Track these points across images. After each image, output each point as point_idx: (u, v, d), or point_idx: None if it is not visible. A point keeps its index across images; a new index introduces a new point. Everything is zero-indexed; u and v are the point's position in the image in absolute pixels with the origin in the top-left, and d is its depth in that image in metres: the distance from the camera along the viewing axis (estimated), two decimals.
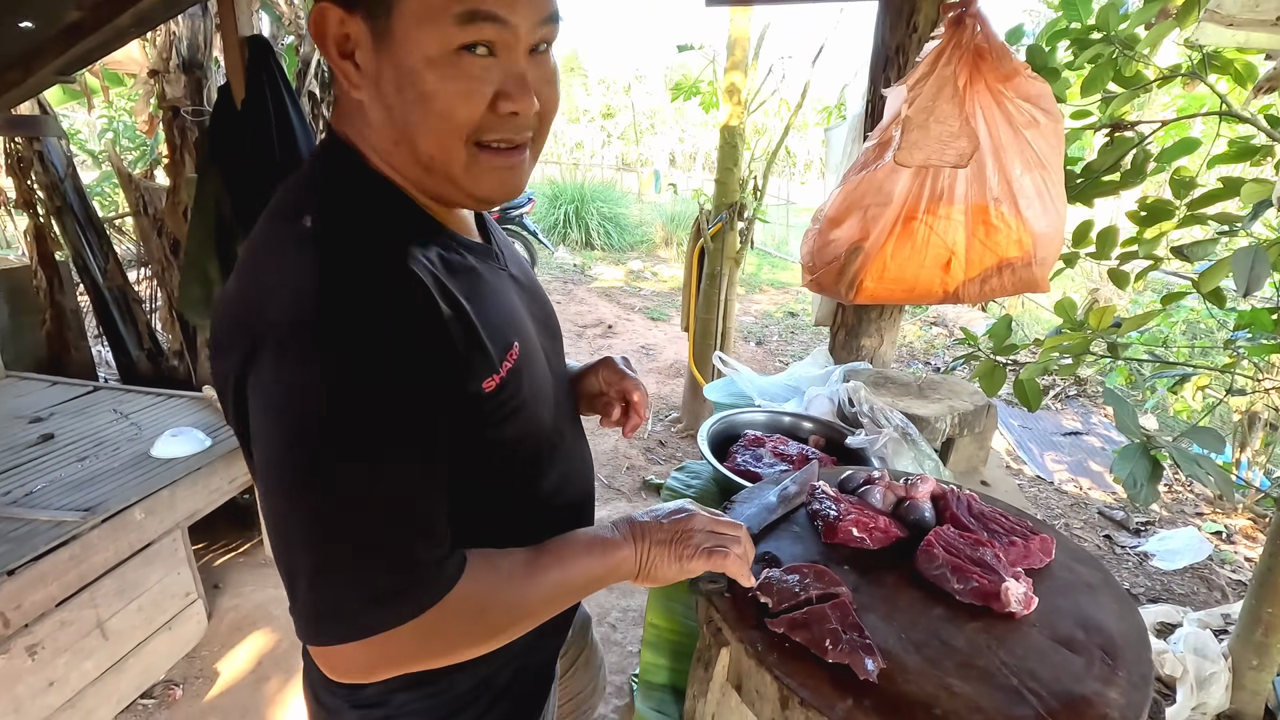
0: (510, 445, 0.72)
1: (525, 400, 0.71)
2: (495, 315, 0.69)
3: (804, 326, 6.91)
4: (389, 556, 0.58)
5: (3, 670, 1.68)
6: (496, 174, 0.65)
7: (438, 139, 0.61)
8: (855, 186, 1.56)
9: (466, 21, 0.56)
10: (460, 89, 0.59)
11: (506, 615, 0.67)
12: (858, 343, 2.11)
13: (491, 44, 0.59)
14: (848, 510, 0.98)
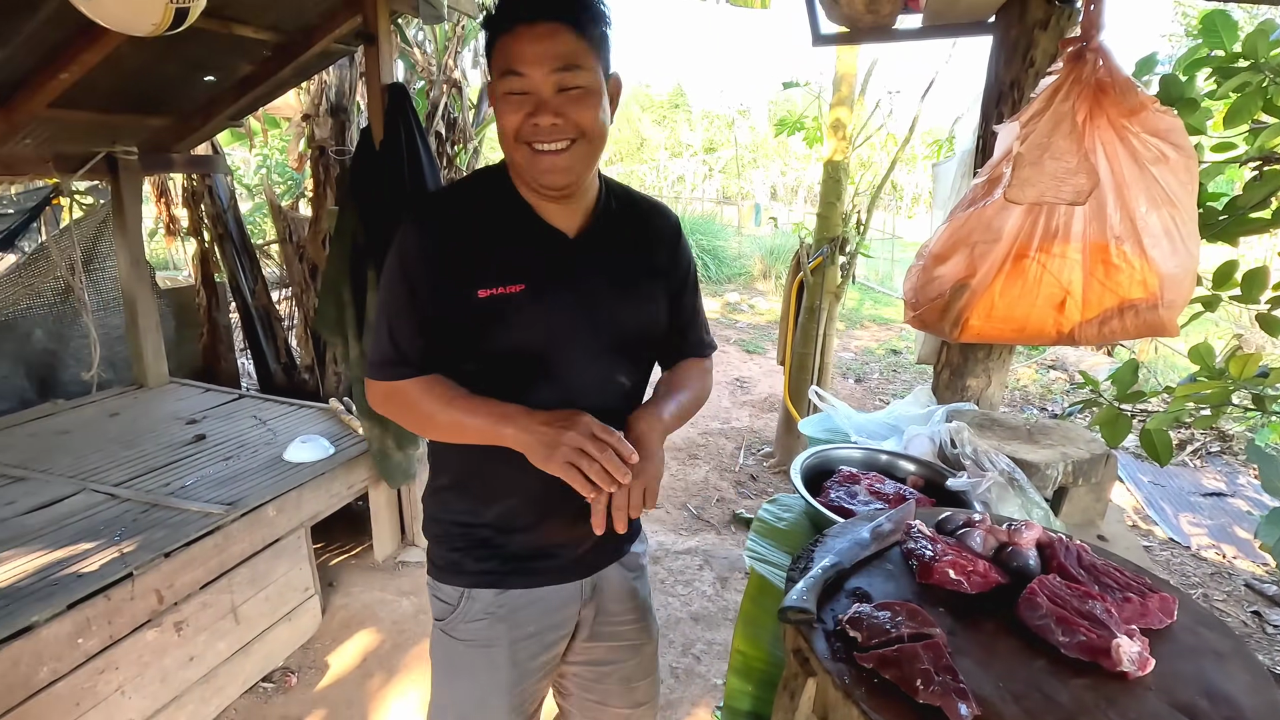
0: (501, 354, 1.04)
1: (518, 324, 1.02)
2: (513, 262, 1.03)
3: (907, 365, 6.66)
4: (378, 343, 1.05)
5: (154, 642, 1.90)
6: (531, 160, 0.98)
7: (505, 142, 1.00)
8: (963, 223, 1.53)
9: (503, 75, 0.97)
10: (504, 111, 0.98)
11: (427, 417, 1.04)
12: (963, 383, 2.04)
13: (519, 88, 0.96)
14: (945, 551, 0.95)
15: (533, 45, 0.94)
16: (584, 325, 1.07)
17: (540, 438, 0.94)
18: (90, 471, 2.42)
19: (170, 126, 3.23)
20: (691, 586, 2.89)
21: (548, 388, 1.05)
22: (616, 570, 1.23)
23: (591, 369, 1.08)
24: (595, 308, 1.08)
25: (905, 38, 2.17)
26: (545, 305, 1.04)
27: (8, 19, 2.09)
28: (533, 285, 1.02)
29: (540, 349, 1.05)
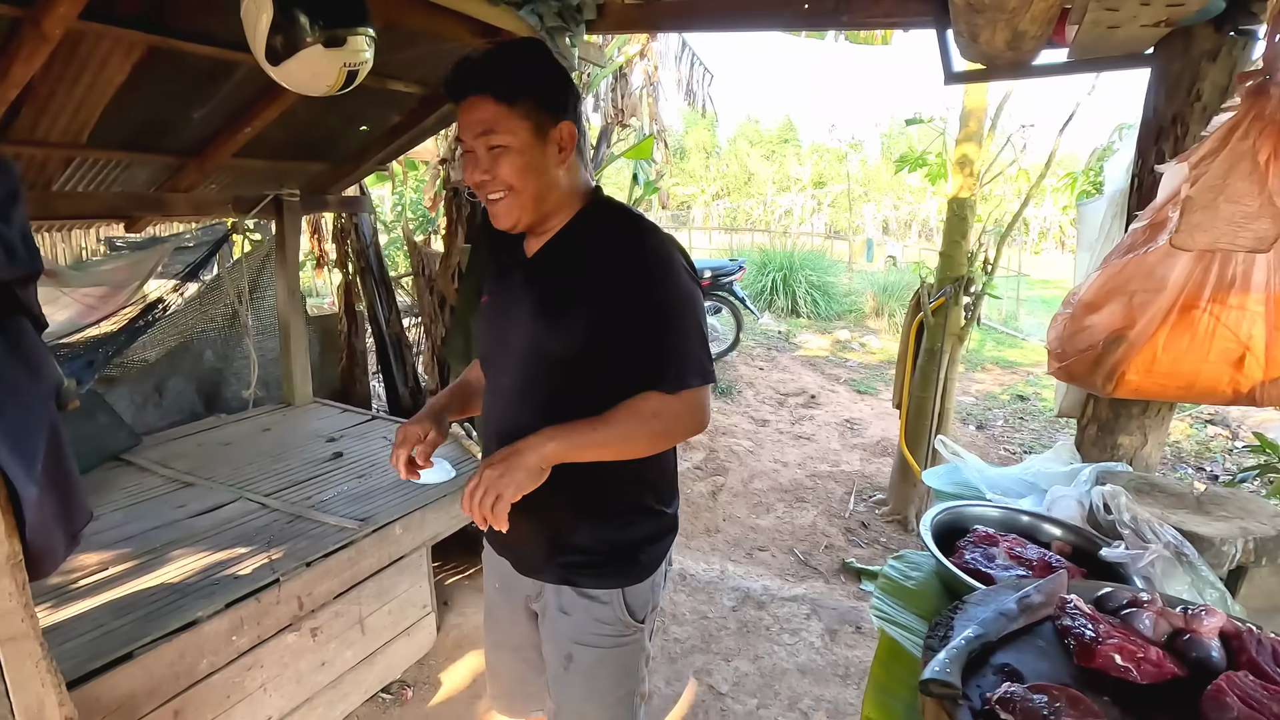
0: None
1: (480, 326, 1.35)
2: (491, 276, 1.37)
3: (1035, 413, 6.18)
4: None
5: (293, 645, 2.05)
6: (489, 210, 1.19)
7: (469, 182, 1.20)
8: (1119, 270, 1.42)
9: (456, 141, 1.22)
10: (463, 168, 1.21)
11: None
12: (1113, 440, 1.87)
13: (466, 148, 1.17)
14: (1109, 633, 0.87)
15: (465, 115, 1.14)
16: (508, 337, 1.25)
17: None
18: (246, 481, 2.68)
19: (328, 171, 3.59)
20: (798, 636, 2.78)
21: (489, 388, 1.32)
22: (554, 595, 1.29)
23: (510, 378, 1.25)
24: (520, 322, 1.23)
25: (1048, 73, 2.07)
26: (495, 313, 1.29)
27: (210, 83, 2.41)
28: (492, 296, 1.32)
29: (485, 352, 1.33)
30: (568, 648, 1.29)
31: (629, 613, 1.27)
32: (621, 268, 1.13)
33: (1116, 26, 1.59)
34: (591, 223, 1.21)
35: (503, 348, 1.26)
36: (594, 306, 1.13)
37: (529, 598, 1.35)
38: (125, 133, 2.52)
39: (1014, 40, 1.74)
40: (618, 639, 1.27)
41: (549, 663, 1.34)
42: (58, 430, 1.34)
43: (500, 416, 1.27)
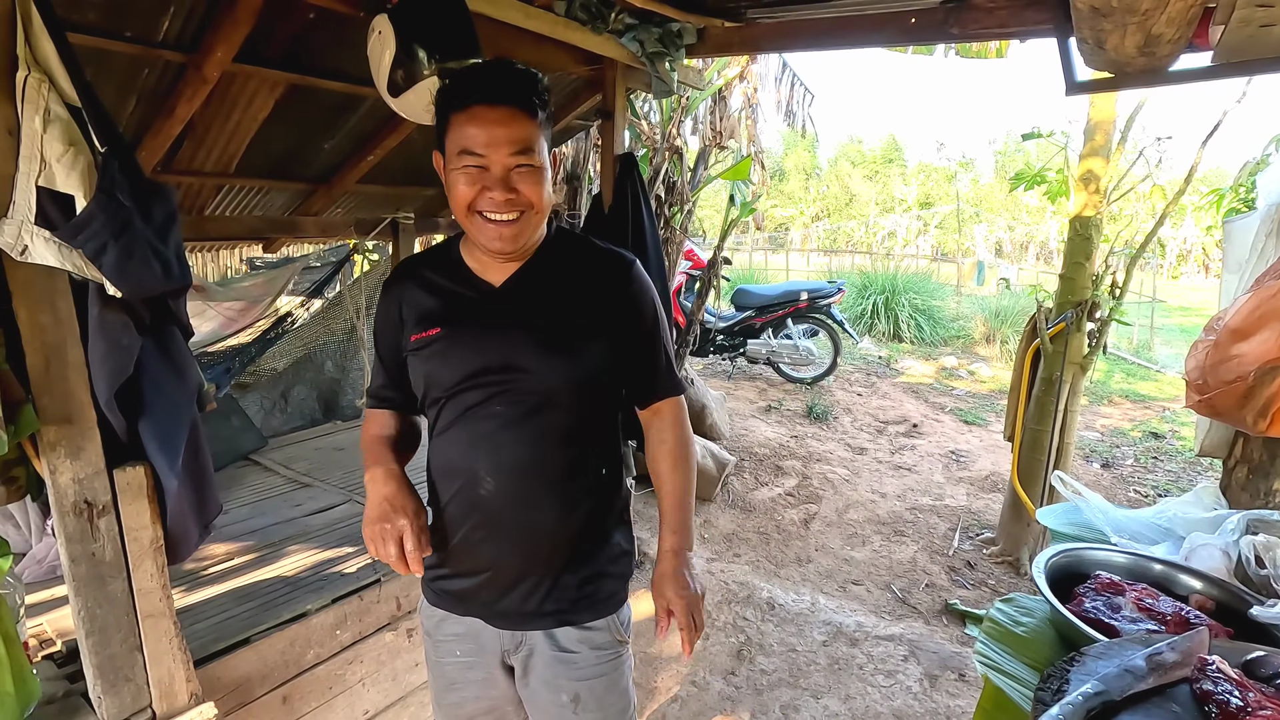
0: (419, 379, 1.18)
1: (437, 362, 1.15)
2: (437, 310, 1.18)
3: (1171, 452, 5.59)
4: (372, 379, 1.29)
5: (390, 644, 2.14)
6: (485, 230, 1.10)
7: (456, 207, 1.10)
8: (1274, 294, 1.27)
9: (460, 155, 1.06)
10: (459, 185, 1.08)
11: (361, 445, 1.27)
12: (1268, 484, 1.66)
13: (476, 165, 1.06)
14: (1261, 703, 0.76)
15: (492, 128, 1.04)
16: (488, 368, 1.14)
17: (367, 505, 1.13)
18: (355, 485, 2.85)
19: (439, 195, 3.81)
20: (894, 679, 2.63)
21: (452, 418, 1.17)
22: (545, 641, 1.21)
23: (497, 402, 1.14)
24: (510, 353, 1.14)
25: (1187, 80, 1.89)
26: (458, 346, 1.15)
27: (339, 116, 2.63)
28: (448, 330, 1.16)
29: (450, 385, 1.16)
30: (573, 689, 1.21)
31: (621, 629, 1.25)
32: (623, 288, 1.19)
33: (1271, 25, 1.44)
34: (564, 247, 1.22)
35: (480, 380, 1.13)
36: (606, 331, 1.17)
37: (506, 652, 1.23)
38: (266, 162, 2.79)
39: (1147, 45, 1.61)
40: (615, 659, 1.25)
41: (546, 710, 1.24)
42: (197, 429, 1.48)
43: (494, 448, 1.14)
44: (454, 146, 1.07)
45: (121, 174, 1.19)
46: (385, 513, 1.09)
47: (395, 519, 1.08)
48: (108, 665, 1.36)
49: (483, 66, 1.13)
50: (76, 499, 1.27)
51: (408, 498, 1.12)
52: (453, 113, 1.06)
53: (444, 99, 1.08)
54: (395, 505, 1.10)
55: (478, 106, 1.05)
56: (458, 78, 1.10)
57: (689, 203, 4.28)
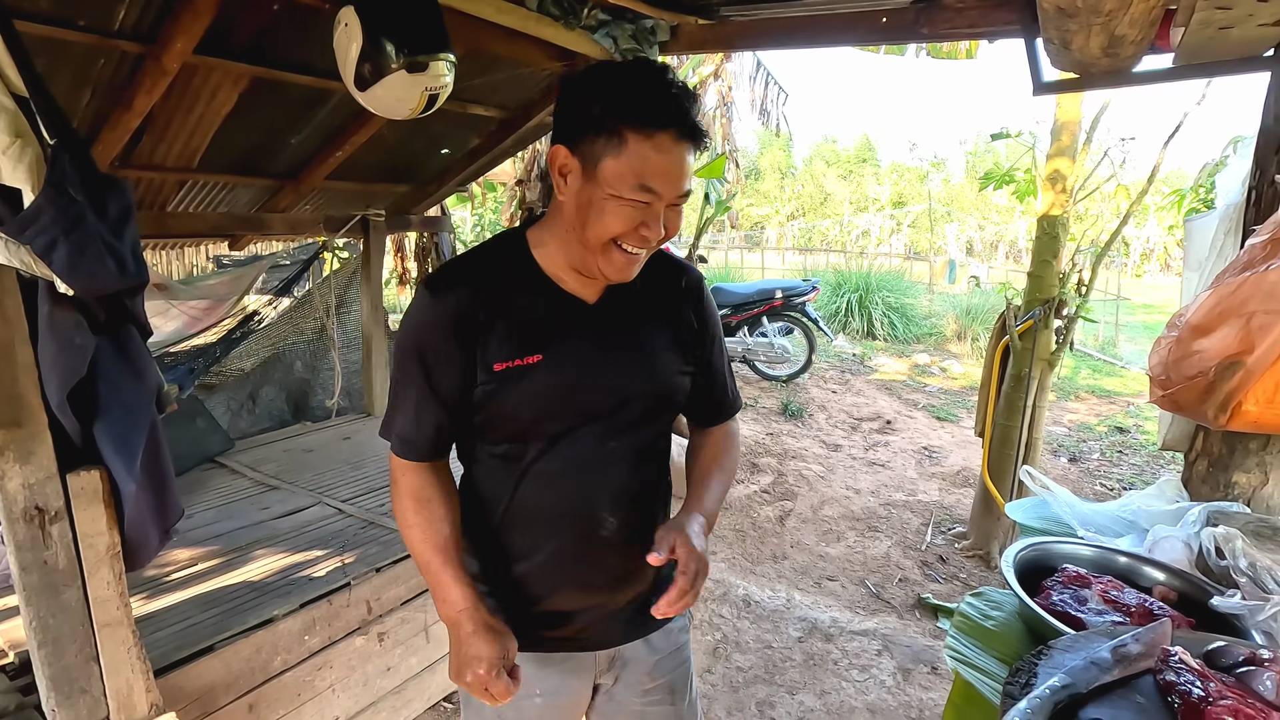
0: (507, 416, 1.01)
1: (529, 393, 1.00)
2: (529, 332, 1.00)
3: (1136, 446, 5.73)
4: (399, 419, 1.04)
5: (361, 648, 2.11)
6: (620, 263, 0.97)
7: (595, 234, 0.94)
8: (1234, 289, 1.29)
9: (638, 189, 0.91)
10: (618, 216, 0.92)
11: (406, 525, 1.04)
12: (1227, 478, 1.69)
13: (646, 202, 0.92)
14: (1221, 693, 0.78)
15: (677, 164, 0.91)
16: (599, 393, 1.03)
17: (454, 652, 1.00)
18: (326, 487, 2.80)
19: (411, 192, 3.76)
20: (868, 674, 2.65)
21: (561, 461, 1.03)
22: (641, 648, 1.18)
23: (611, 438, 1.04)
24: (622, 381, 1.04)
25: (1150, 81, 1.93)
26: (564, 374, 1.00)
27: (306, 110, 2.57)
28: (552, 356, 0.99)
29: (560, 421, 1.02)
30: (668, 682, 1.20)
31: (689, 613, 1.26)
32: (699, 301, 1.14)
33: (1230, 27, 1.47)
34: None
35: (595, 412, 1.03)
36: (682, 343, 1.11)
37: (599, 673, 1.17)
38: (231, 157, 2.72)
39: (1111, 46, 1.64)
40: (687, 640, 1.26)
41: (643, 714, 1.19)
42: (157, 431, 1.43)
43: (615, 487, 1.06)
44: (624, 173, 0.90)
45: (73, 167, 1.15)
46: (474, 670, 0.95)
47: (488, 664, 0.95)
48: (62, 677, 1.32)
49: (665, 80, 0.92)
50: (27, 505, 1.23)
51: (497, 644, 0.97)
52: (631, 130, 0.89)
53: (619, 107, 0.89)
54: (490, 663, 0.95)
55: (666, 135, 0.89)
56: (642, 86, 0.91)
57: None
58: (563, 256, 1.01)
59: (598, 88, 0.92)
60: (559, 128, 0.96)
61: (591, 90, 0.93)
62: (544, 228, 1.04)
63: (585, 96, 0.93)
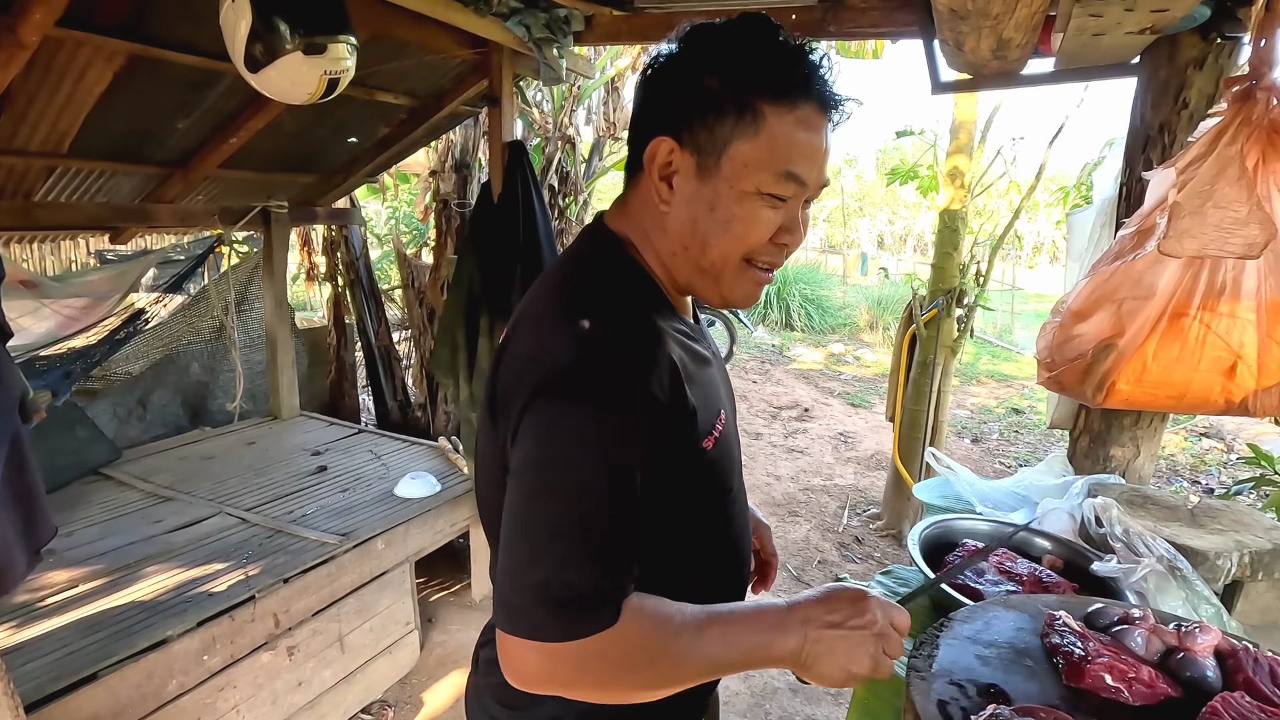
0: (711, 499, 0.82)
1: (726, 461, 0.82)
2: (710, 386, 0.80)
3: (1030, 426, 6.16)
4: (564, 582, 0.64)
5: (269, 664, 1.99)
6: (751, 286, 0.78)
7: (723, 251, 0.75)
8: (1107, 277, 1.39)
9: (782, 178, 0.71)
10: (756, 220, 0.73)
11: (667, 664, 0.68)
12: (1105, 452, 1.84)
13: (789, 194, 0.73)
14: (1099, 651, 0.83)
15: (824, 146, 0.73)
16: (734, 424, 0.89)
17: (848, 644, 0.70)
18: (227, 496, 2.63)
19: (316, 183, 3.57)
20: None
21: (731, 520, 0.87)
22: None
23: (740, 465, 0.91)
24: (731, 397, 0.92)
25: (1035, 83, 2.06)
26: (730, 422, 0.84)
27: (194, 93, 2.39)
28: (726, 407, 0.83)
29: (734, 478, 0.85)
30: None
31: None
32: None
33: (1101, 34, 1.58)
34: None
35: (739, 453, 0.90)
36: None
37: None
38: (108, 143, 2.50)
39: (999, 48, 1.73)
40: None
41: None
42: (21, 442, 1.30)
43: (749, 526, 0.97)
44: (764, 158, 0.70)
45: None
46: (858, 607, 0.72)
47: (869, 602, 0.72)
48: None
49: (794, 40, 0.72)
50: None
51: (840, 584, 0.77)
52: (770, 102, 0.70)
53: (750, 74, 0.70)
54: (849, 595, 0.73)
55: (811, 106, 0.71)
56: (773, 46, 0.71)
57: (584, 193, 4.24)
58: (666, 278, 0.80)
59: (711, 54, 0.72)
60: (654, 116, 0.75)
61: (702, 59, 0.72)
62: (644, 244, 0.80)
63: (693, 68, 0.72)
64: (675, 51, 0.75)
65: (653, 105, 0.76)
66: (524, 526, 0.67)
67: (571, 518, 0.65)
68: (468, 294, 2.78)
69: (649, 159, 0.75)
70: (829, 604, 0.72)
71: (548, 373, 0.69)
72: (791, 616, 0.71)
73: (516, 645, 0.65)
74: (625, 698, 0.70)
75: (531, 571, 0.65)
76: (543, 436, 0.67)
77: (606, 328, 0.71)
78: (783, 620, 0.71)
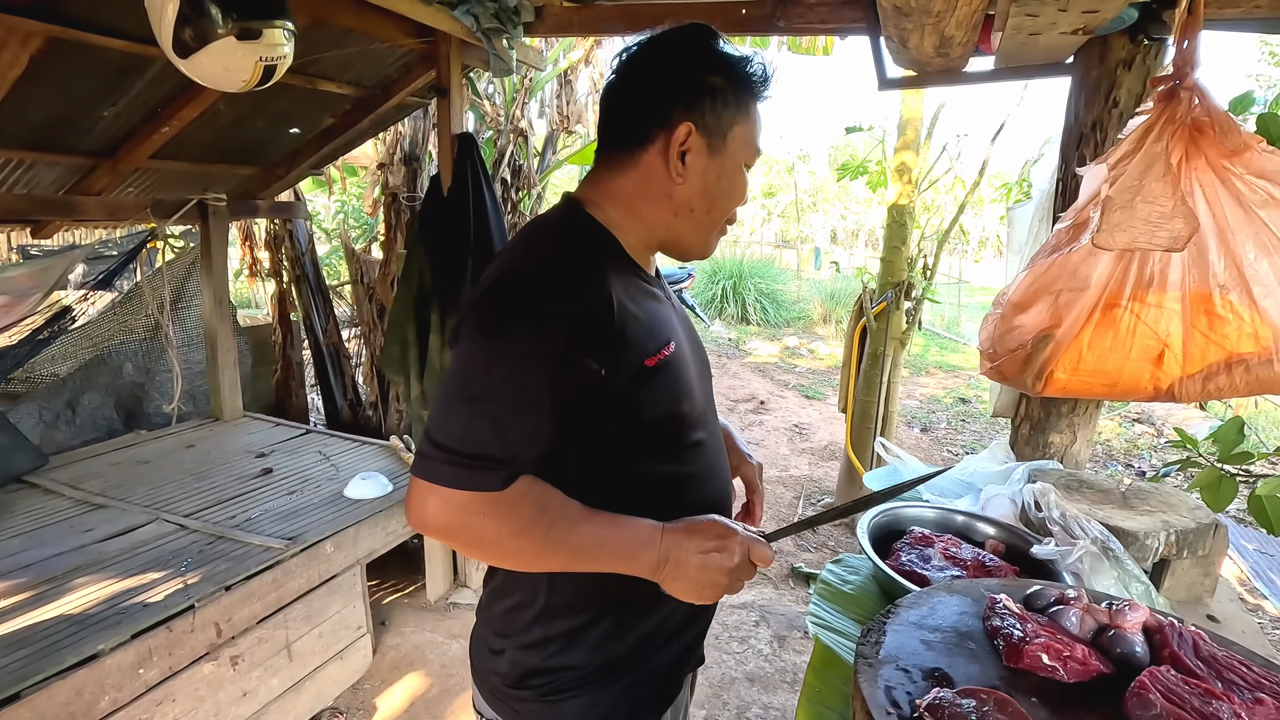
0: (659, 422, 0.90)
1: (674, 388, 0.91)
2: (657, 317, 0.92)
3: (976, 415, 6.36)
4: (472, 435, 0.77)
5: (210, 675, 1.92)
6: (719, 238, 0.99)
7: (723, 210, 0.96)
8: (1045, 270, 1.44)
9: (754, 152, 0.96)
10: (743, 186, 0.97)
11: (538, 540, 0.80)
12: (1045, 439, 1.90)
13: (752, 165, 0.97)
14: (1036, 632, 0.86)
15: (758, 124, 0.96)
16: (703, 372, 1.03)
17: (704, 574, 0.84)
18: (164, 501, 2.52)
19: (257, 175, 3.44)
20: (747, 644, 2.76)
21: (698, 451, 0.96)
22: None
23: (714, 416, 1.05)
24: (703, 351, 1.07)
25: (976, 80, 2.11)
26: (685, 358, 0.96)
27: (121, 79, 2.27)
28: (675, 340, 0.93)
29: (697, 408, 0.96)
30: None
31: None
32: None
33: (1038, 34, 1.63)
34: None
35: (702, 385, 1.01)
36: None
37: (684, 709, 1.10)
38: (26, 131, 2.36)
39: (942, 45, 1.77)
40: None
41: None
42: None
43: (725, 474, 1.07)
44: (750, 140, 0.94)
45: None
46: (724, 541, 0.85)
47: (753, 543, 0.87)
48: None
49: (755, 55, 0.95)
50: None
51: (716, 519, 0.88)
52: (752, 95, 0.93)
53: (741, 73, 0.92)
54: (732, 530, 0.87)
55: (764, 99, 0.96)
56: (738, 52, 0.93)
57: (538, 187, 4.19)
58: (640, 237, 0.95)
59: (708, 54, 0.91)
60: (672, 103, 0.89)
61: (705, 58, 0.91)
62: (613, 209, 0.93)
63: (700, 69, 0.91)
64: (669, 53, 0.92)
65: (669, 94, 0.90)
66: (447, 391, 0.81)
67: (480, 390, 0.79)
68: (418, 289, 2.72)
69: (675, 140, 0.89)
70: (698, 533, 0.86)
71: (488, 283, 0.84)
72: (661, 538, 0.84)
73: (419, 487, 0.78)
74: (499, 561, 0.87)
75: (443, 428, 0.78)
76: (474, 326, 0.82)
77: (547, 252, 0.88)
78: (651, 538, 0.84)
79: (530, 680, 0.93)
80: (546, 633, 0.92)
